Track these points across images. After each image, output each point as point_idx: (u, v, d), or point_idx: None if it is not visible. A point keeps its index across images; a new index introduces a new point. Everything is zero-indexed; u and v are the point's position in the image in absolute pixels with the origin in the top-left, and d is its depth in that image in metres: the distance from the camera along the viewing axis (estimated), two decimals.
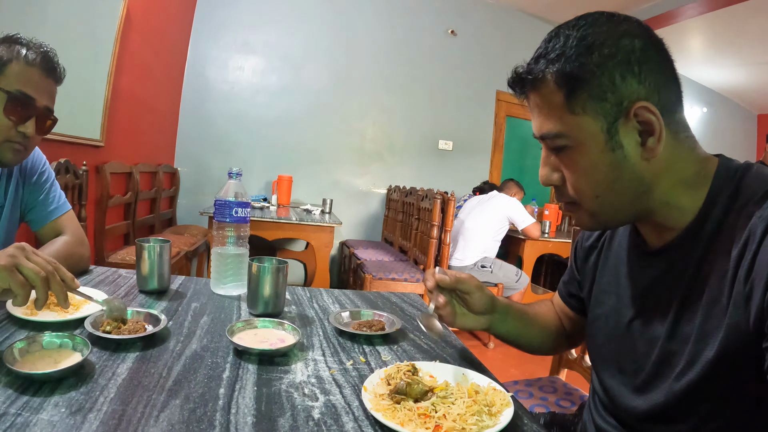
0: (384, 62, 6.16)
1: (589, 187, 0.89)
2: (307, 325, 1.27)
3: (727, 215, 0.83)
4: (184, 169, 5.45)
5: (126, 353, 0.94)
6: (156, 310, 1.12)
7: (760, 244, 0.74)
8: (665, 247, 0.92)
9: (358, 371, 1.00)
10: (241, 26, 5.59)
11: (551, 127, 0.88)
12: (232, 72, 5.61)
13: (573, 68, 0.84)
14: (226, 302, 1.39)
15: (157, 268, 1.39)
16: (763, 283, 0.71)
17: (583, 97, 0.84)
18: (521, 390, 1.77)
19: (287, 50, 5.78)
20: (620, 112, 0.83)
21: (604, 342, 1.07)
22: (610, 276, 1.08)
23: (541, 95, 0.89)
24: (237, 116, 5.60)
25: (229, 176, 1.51)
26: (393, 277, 4.05)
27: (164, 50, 4.84)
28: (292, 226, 4.08)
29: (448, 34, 6.43)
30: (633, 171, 0.86)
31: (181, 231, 4.74)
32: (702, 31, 6.51)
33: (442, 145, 6.49)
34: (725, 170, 0.88)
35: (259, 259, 1.34)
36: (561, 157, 0.91)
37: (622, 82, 0.83)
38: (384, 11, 6.15)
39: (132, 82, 3.97)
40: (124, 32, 3.64)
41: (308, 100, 5.85)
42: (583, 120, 0.85)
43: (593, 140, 0.85)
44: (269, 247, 5.35)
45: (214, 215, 1.49)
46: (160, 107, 4.93)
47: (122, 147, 3.94)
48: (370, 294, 1.70)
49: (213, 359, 0.97)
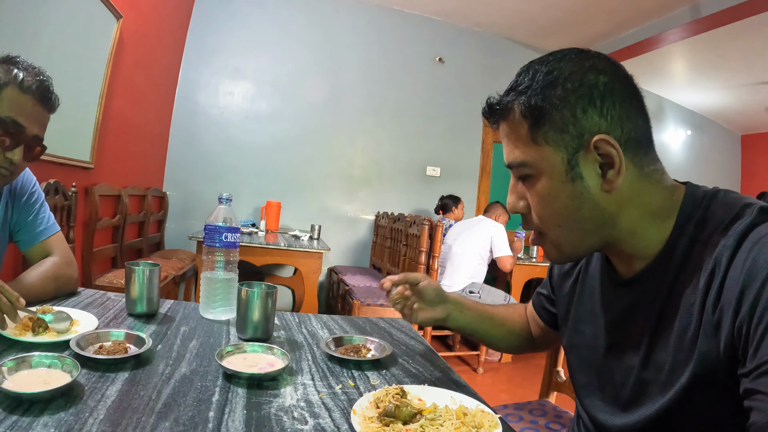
0: (372, 89, 6.22)
1: (551, 216, 0.91)
2: (296, 350, 1.27)
3: (694, 245, 0.85)
4: (173, 193, 5.43)
5: (115, 375, 0.94)
6: (144, 333, 1.12)
7: (726, 273, 0.76)
8: (635, 277, 0.93)
9: (347, 395, 1.00)
10: (231, 52, 5.63)
11: (516, 156, 0.92)
12: (222, 97, 5.63)
13: (537, 101, 0.87)
14: (215, 327, 1.39)
15: (147, 291, 1.39)
16: (731, 311, 0.73)
17: (545, 129, 0.87)
18: (511, 414, 1.77)
19: (277, 76, 5.82)
20: (580, 144, 0.86)
21: (583, 370, 1.09)
22: (586, 305, 1.10)
23: (509, 125, 0.93)
24: (226, 141, 5.61)
25: (219, 201, 1.51)
26: (381, 302, 4.04)
27: (156, 74, 4.86)
28: (280, 251, 4.08)
29: (436, 61, 6.51)
30: (593, 201, 0.88)
31: (169, 255, 4.71)
32: (685, 55, 6.62)
33: (430, 171, 6.53)
34: (692, 199, 0.89)
35: (248, 284, 1.34)
36: (526, 185, 0.94)
37: (583, 115, 0.86)
38: (373, 38, 6.23)
39: (123, 104, 3.98)
40: (116, 55, 3.66)
41: (297, 126, 5.88)
42: (544, 150, 0.88)
43: (554, 170, 0.88)
44: (257, 273, 5.33)
45: (204, 240, 1.49)
46: (150, 131, 4.93)
47: (112, 169, 3.93)
48: (359, 319, 1.70)
49: (202, 383, 0.97)
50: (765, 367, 0.66)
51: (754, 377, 0.68)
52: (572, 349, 1.13)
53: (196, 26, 5.45)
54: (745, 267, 0.73)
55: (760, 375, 0.67)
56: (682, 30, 5.64)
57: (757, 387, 0.67)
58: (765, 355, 0.67)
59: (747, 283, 0.72)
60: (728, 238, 0.78)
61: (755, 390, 0.67)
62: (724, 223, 0.81)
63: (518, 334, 1.41)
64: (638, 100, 0.90)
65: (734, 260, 0.76)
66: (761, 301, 0.69)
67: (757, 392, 0.67)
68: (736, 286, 0.73)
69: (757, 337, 0.68)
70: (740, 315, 0.72)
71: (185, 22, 5.39)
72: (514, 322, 1.43)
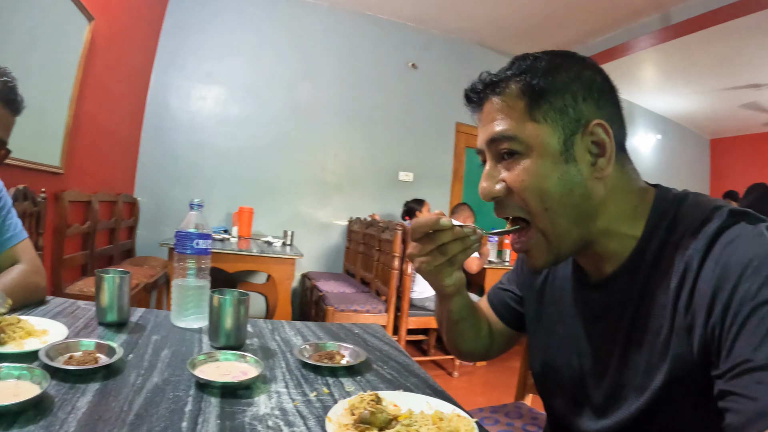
0: (345, 94, 6.23)
1: (539, 196, 0.88)
2: (269, 358, 1.26)
3: (665, 247, 0.86)
4: (144, 199, 5.35)
5: (86, 386, 0.92)
6: (115, 343, 1.10)
7: (698, 276, 0.78)
8: (606, 279, 0.94)
9: (322, 402, 1.00)
10: (204, 56, 5.58)
11: (507, 128, 0.90)
12: (194, 102, 5.58)
13: (539, 81, 0.88)
14: (187, 335, 1.37)
15: (117, 299, 1.36)
16: (704, 313, 0.75)
17: (545, 108, 0.88)
18: (487, 417, 1.78)
19: (250, 81, 5.79)
20: (578, 126, 0.88)
21: (553, 373, 1.08)
22: (554, 308, 1.09)
23: (503, 99, 0.91)
24: (198, 146, 5.55)
25: (190, 207, 1.50)
26: (355, 308, 4.04)
27: (127, 78, 4.80)
28: (253, 258, 4.05)
29: (409, 67, 6.56)
30: (583, 187, 0.88)
31: (140, 262, 4.65)
32: (655, 61, 6.79)
33: (403, 177, 6.56)
34: (662, 202, 0.91)
35: (220, 291, 1.32)
36: (511, 163, 0.91)
37: (583, 102, 0.88)
38: (346, 44, 6.24)
39: (94, 108, 3.92)
40: (88, 58, 3.61)
41: (270, 132, 5.85)
42: (542, 129, 0.88)
43: (548, 150, 0.88)
44: (230, 280, 5.28)
45: (175, 247, 1.47)
46: (121, 135, 4.87)
47: (82, 175, 3.87)
48: (333, 325, 1.70)
49: (175, 392, 0.95)
50: (739, 368, 0.68)
51: (728, 378, 0.69)
52: (541, 351, 1.13)
53: (169, 29, 5.39)
54: (717, 269, 0.75)
55: (734, 376, 0.68)
56: (652, 37, 5.78)
57: (732, 388, 0.68)
58: (738, 356, 0.68)
59: (719, 286, 0.74)
60: (699, 240, 0.80)
61: (730, 391, 0.68)
62: (694, 226, 0.82)
63: (486, 332, 1.29)
64: (620, 106, 0.94)
65: (705, 263, 0.77)
66: (733, 303, 0.71)
67: (731, 393, 0.68)
68: (708, 288, 0.75)
69: (730, 338, 0.70)
70: (713, 317, 0.73)
71: (158, 25, 5.33)
72: (484, 318, 1.31)
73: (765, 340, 0.66)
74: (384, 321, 4.05)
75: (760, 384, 0.65)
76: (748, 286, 0.71)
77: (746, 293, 0.70)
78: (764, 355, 0.66)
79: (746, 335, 0.68)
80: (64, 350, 1.04)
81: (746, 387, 0.66)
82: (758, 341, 0.67)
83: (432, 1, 5.92)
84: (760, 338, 0.67)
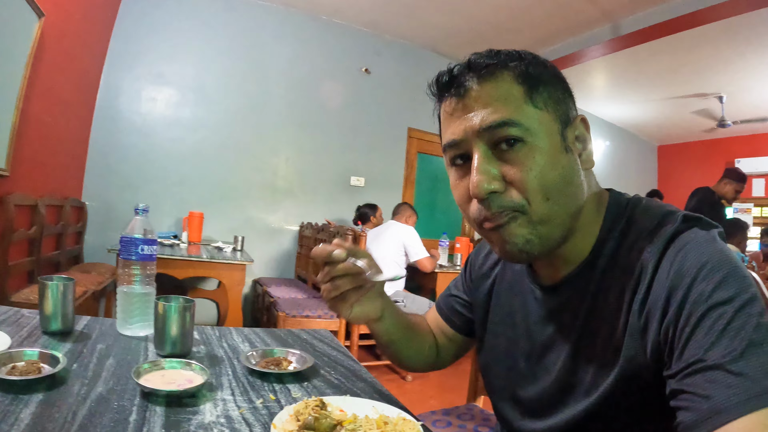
0: (298, 99, 6.21)
1: (544, 186, 0.83)
2: (216, 365, 1.26)
3: (619, 251, 0.87)
4: (92, 203, 5.20)
5: (29, 397, 0.91)
6: (59, 352, 1.09)
7: (653, 278, 0.79)
8: (561, 282, 0.95)
9: (268, 409, 1.01)
10: (156, 57, 5.46)
11: (507, 115, 0.83)
12: (144, 103, 5.45)
13: (534, 69, 0.87)
14: (132, 343, 1.36)
15: (61, 307, 1.34)
16: (658, 314, 0.76)
17: (545, 96, 0.86)
18: (439, 419, 1.80)
19: (201, 83, 5.72)
20: (569, 119, 0.89)
21: (499, 374, 1.09)
22: (503, 309, 1.10)
23: (495, 85, 0.85)
24: (148, 149, 5.44)
25: (135, 212, 1.49)
26: (307, 314, 4.04)
27: (76, 78, 4.66)
28: (202, 263, 4.00)
29: (362, 72, 6.59)
30: (580, 178, 0.88)
31: (88, 269, 4.52)
32: (605, 70, 7.02)
33: (354, 182, 6.59)
34: (616, 206, 0.92)
35: (165, 298, 1.31)
36: (510, 154, 0.84)
37: (568, 98, 0.90)
38: (299, 48, 6.23)
39: (42, 109, 3.79)
40: (36, 56, 3.48)
41: (221, 135, 5.78)
42: (544, 115, 0.85)
43: (552, 138, 0.85)
44: (180, 286, 5.21)
45: (120, 253, 1.45)
46: (69, 137, 4.71)
47: (28, 178, 3.74)
48: (281, 332, 1.70)
49: (119, 402, 0.95)
50: (691, 368, 0.70)
51: (680, 378, 0.71)
52: (488, 353, 1.14)
53: (121, 28, 5.25)
54: (671, 272, 0.77)
55: (686, 375, 0.70)
56: (603, 47, 5.98)
57: (684, 387, 0.70)
58: (691, 356, 0.70)
59: (673, 288, 0.75)
60: (653, 244, 0.81)
61: (682, 390, 0.70)
62: (648, 230, 0.84)
63: (429, 346, 1.30)
64: None
65: (660, 266, 0.79)
66: (687, 305, 0.73)
67: (684, 392, 0.70)
68: (663, 290, 0.77)
69: (683, 339, 0.72)
70: (667, 318, 0.75)
71: (110, 23, 5.19)
72: (425, 333, 1.32)
73: (717, 341, 0.68)
74: (336, 326, 4.05)
75: (713, 383, 0.67)
76: (701, 289, 0.72)
77: (700, 295, 0.72)
78: (717, 355, 0.67)
79: (699, 336, 0.70)
80: (6, 360, 1.03)
81: (699, 386, 0.68)
82: (711, 342, 0.69)
83: (386, 7, 5.97)
84: (712, 339, 0.69)
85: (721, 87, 7.18)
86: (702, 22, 5.10)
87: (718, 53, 6.05)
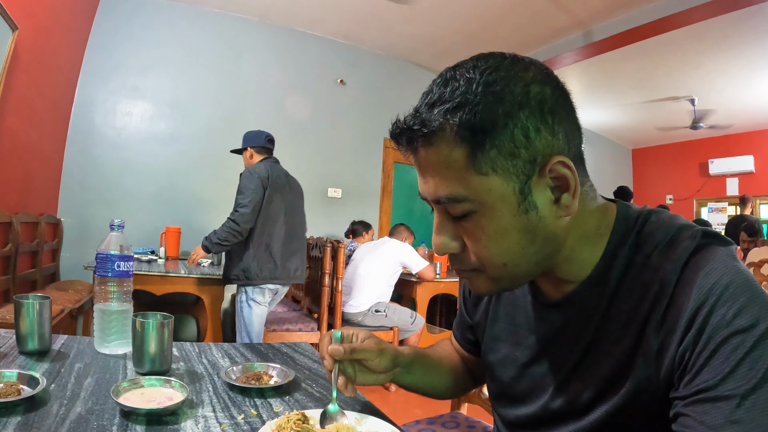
0: (273, 110, 6.20)
1: (497, 254, 0.79)
2: (196, 381, 1.25)
3: (630, 267, 0.81)
4: (68, 219, 5.13)
5: (7, 419, 0.90)
6: (37, 372, 1.07)
7: (672, 299, 0.74)
8: (565, 298, 0.89)
9: (250, 424, 1.00)
10: (131, 70, 5.42)
11: (452, 191, 0.77)
12: (120, 117, 5.40)
13: (480, 119, 0.72)
14: (111, 361, 1.34)
15: (38, 327, 1.32)
16: (677, 336, 0.72)
17: (492, 154, 0.74)
18: (424, 428, 1.79)
19: (177, 96, 5.68)
20: (533, 169, 0.76)
21: (498, 389, 1.07)
22: (503, 324, 1.06)
23: (437, 152, 0.76)
24: (124, 164, 5.38)
25: (111, 228, 1.47)
26: (287, 327, 4.02)
27: (51, 92, 4.60)
28: (180, 279, 3.96)
29: (337, 83, 6.61)
30: (547, 231, 0.79)
31: (65, 287, 4.44)
32: (578, 76, 7.14)
33: (332, 193, 6.60)
34: (625, 219, 0.85)
35: (143, 314, 1.30)
36: (463, 223, 0.80)
37: (536, 135, 0.74)
38: (274, 60, 6.23)
39: (15, 123, 3.74)
40: (10, 69, 3.43)
41: (197, 149, 5.75)
42: (491, 181, 0.75)
43: (504, 203, 0.76)
44: (159, 303, 5.13)
45: (96, 269, 1.44)
46: (43, 152, 4.64)
47: (2, 194, 3.68)
48: (261, 346, 1.69)
49: (99, 422, 0.93)
50: (702, 395, 0.67)
51: (688, 403, 0.69)
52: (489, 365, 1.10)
53: (96, 42, 5.21)
54: (692, 293, 0.72)
55: (695, 402, 0.68)
56: (575, 54, 6.09)
57: (691, 413, 0.68)
58: (703, 382, 0.68)
59: (695, 310, 0.71)
60: (671, 262, 0.76)
61: (688, 415, 0.68)
62: (661, 245, 0.79)
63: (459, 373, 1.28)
64: (575, 110, 0.83)
65: (679, 285, 0.74)
66: (707, 328, 0.69)
67: (688, 417, 0.68)
68: (683, 311, 0.72)
69: (699, 364, 0.69)
70: (685, 340, 0.71)
71: (85, 37, 5.15)
72: (451, 361, 1.29)
73: (734, 372, 0.66)
74: (316, 339, 4.03)
75: (720, 415, 0.65)
76: (723, 313, 0.68)
77: (721, 320, 0.68)
78: (730, 387, 0.65)
79: (715, 363, 0.67)
80: None
81: (706, 413, 0.66)
82: (726, 372, 0.66)
83: (361, 18, 6.00)
84: (728, 369, 0.66)
85: (692, 89, 7.35)
86: (671, 28, 5.24)
87: (688, 57, 6.21)
